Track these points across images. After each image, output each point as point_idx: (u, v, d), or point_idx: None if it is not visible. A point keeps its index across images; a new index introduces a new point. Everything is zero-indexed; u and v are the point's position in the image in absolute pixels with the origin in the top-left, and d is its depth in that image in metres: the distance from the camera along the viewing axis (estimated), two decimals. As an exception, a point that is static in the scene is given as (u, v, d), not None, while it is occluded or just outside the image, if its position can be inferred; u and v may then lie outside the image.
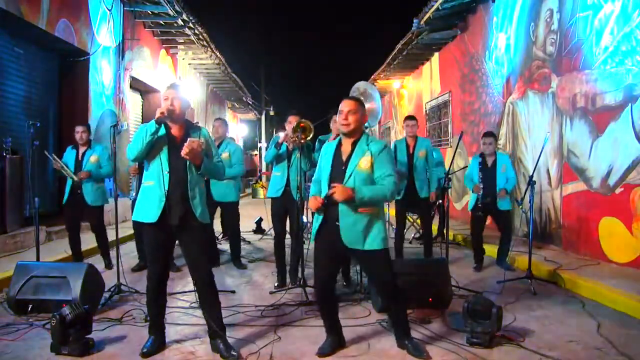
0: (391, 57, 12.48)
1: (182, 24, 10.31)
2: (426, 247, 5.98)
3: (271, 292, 4.88)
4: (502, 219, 5.88)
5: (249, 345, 3.47)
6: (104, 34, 8.95)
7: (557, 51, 6.75)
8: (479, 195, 5.75)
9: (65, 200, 5.63)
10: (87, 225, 6.17)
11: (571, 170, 6.43)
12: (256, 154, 29.40)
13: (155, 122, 3.23)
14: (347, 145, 3.35)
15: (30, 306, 4.09)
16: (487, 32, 9.00)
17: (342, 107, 3.31)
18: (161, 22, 10.59)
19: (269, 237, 8.39)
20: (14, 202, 6.49)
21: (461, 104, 10.42)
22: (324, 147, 3.52)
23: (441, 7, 8.86)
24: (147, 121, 3.38)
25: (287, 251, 5.19)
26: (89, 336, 3.38)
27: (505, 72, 8.34)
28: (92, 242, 6.10)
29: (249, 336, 3.65)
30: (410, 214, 7.80)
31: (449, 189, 5.22)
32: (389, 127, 17.53)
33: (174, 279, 5.27)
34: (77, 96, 8.38)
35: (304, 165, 4.90)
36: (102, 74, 8.92)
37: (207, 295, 3.39)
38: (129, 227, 8.36)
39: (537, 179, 5.65)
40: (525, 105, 7.68)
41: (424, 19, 9.36)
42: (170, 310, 3.98)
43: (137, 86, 11.08)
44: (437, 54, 11.90)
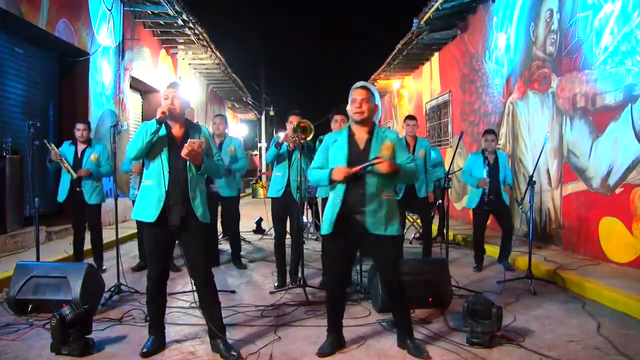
0: (391, 57, 12.48)
1: (182, 24, 10.31)
2: (425, 247, 5.99)
3: (271, 292, 4.88)
4: (504, 216, 5.89)
5: (249, 345, 3.47)
6: (104, 34, 8.95)
7: (557, 51, 6.75)
8: (486, 190, 5.74)
9: (64, 197, 5.55)
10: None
11: (571, 170, 6.43)
12: (256, 154, 29.37)
13: (156, 122, 3.23)
14: (361, 133, 3.35)
15: (30, 306, 4.08)
16: (487, 32, 9.00)
17: (355, 95, 3.32)
18: (161, 22, 10.59)
19: (269, 237, 8.38)
20: (14, 202, 6.49)
21: (461, 104, 10.42)
22: (330, 136, 3.49)
23: (441, 7, 8.86)
24: (147, 121, 3.37)
25: (287, 251, 5.19)
26: (89, 336, 3.37)
27: (505, 72, 8.34)
28: (89, 243, 5.92)
29: (249, 336, 3.65)
30: (410, 214, 7.81)
31: (449, 189, 5.22)
32: (389, 127, 17.53)
33: (174, 279, 5.26)
34: (77, 96, 8.38)
35: (304, 165, 4.90)
36: (102, 74, 8.92)
37: (207, 295, 3.39)
38: (128, 227, 8.38)
39: (537, 179, 5.65)
40: (525, 105, 7.68)
41: (424, 19, 9.36)
42: (170, 310, 3.98)
43: (137, 86, 11.08)
44: (437, 54, 11.90)
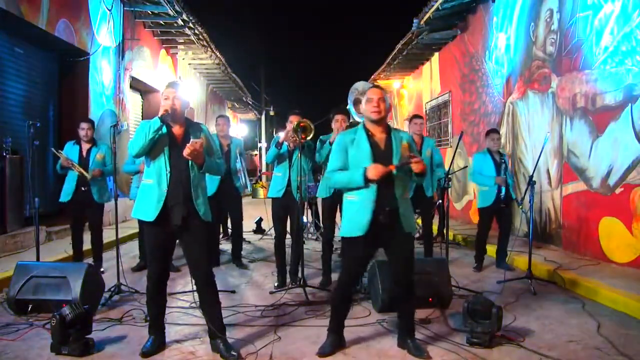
0: (391, 57, 12.48)
1: (182, 24, 10.32)
2: (426, 247, 5.99)
3: (271, 292, 4.88)
4: (507, 215, 5.89)
5: (249, 345, 3.47)
6: (104, 34, 8.95)
7: (557, 51, 6.75)
8: (502, 188, 5.66)
9: (68, 197, 5.50)
10: (86, 225, 6.12)
11: (571, 170, 6.43)
12: (256, 154, 29.37)
13: (159, 120, 3.22)
14: (379, 132, 3.34)
15: (30, 306, 4.08)
16: (487, 32, 9.00)
17: (372, 95, 3.31)
18: (161, 22, 10.59)
19: (269, 237, 8.38)
20: (14, 202, 6.48)
21: (461, 104, 10.42)
22: (345, 134, 3.40)
23: (441, 7, 8.86)
24: (147, 119, 3.37)
25: (287, 251, 5.19)
26: (89, 336, 3.37)
27: (505, 72, 8.34)
28: (89, 243, 5.89)
29: (249, 336, 3.65)
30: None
31: (449, 189, 5.21)
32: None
33: (174, 279, 5.26)
34: (77, 96, 8.39)
35: (305, 164, 4.89)
36: (102, 74, 8.92)
37: (207, 295, 3.39)
38: (128, 227, 8.38)
39: (537, 179, 5.65)
40: (525, 105, 7.68)
41: (424, 19, 9.36)
42: (170, 310, 3.98)
43: (137, 86, 11.09)
44: (437, 54, 11.90)
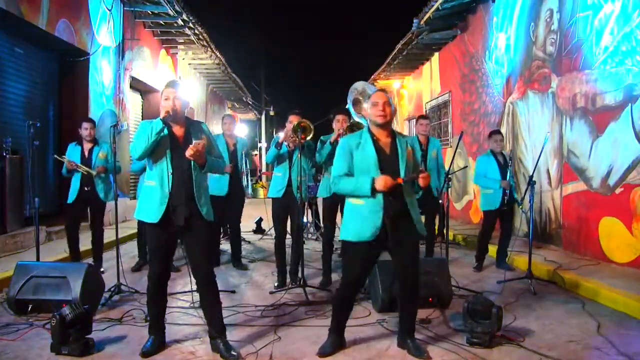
0: (391, 57, 12.47)
1: (182, 24, 10.31)
2: (428, 247, 5.99)
3: (271, 292, 4.88)
4: (510, 217, 5.90)
5: (249, 345, 3.47)
6: (104, 34, 8.95)
7: (557, 51, 6.75)
8: (507, 191, 5.66)
9: (73, 198, 5.49)
10: (85, 225, 6.09)
11: (571, 170, 6.43)
12: (256, 154, 29.36)
13: (161, 122, 3.23)
14: (384, 137, 3.34)
15: (30, 306, 4.08)
16: (487, 32, 9.00)
17: (377, 99, 3.31)
18: (161, 22, 10.58)
19: (269, 237, 8.39)
20: (14, 202, 6.48)
21: (461, 104, 10.41)
22: (350, 138, 3.39)
23: (441, 7, 8.85)
24: (146, 120, 3.37)
25: (287, 251, 5.19)
26: (89, 336, 3.37)
27: (505, 72, 8.34)
28: (89, 243, 5.88)
29: (249, 336, 3.65)
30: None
31: (449, 189, 5.21)
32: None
33: (174, 279, 5.26)
34: (77, 96, 8.38)
35: (305, 164, 4.89)
36: (102, 74, 8.92)
37: (208, 295, 3.39)
38: (128, 227, 8.38)
39: (537, 179, 5.65)
40: (525, 105, 7.68)
41: (424, 19, 9.35)
42: (170, 310, 3.98)
43: (137, 86, 11.08)
44: (437, 54, 11.89)
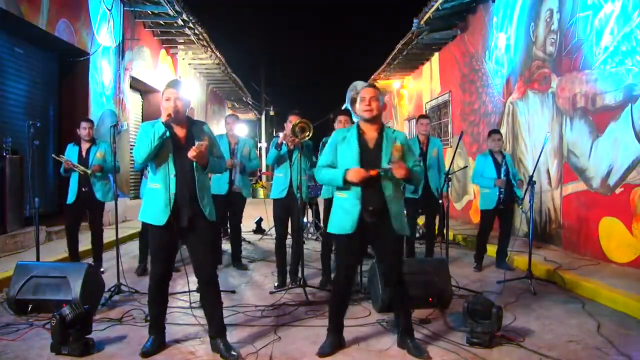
0: (391, 57, 12.47)
1: (182, 24, 10.31)
2: (427, 247, 5.99)
3: (271, 292, 4.88)
4: (510, 215, 5.89)
5: (249, 345, 3.47)
6: (104, 34, 8.95)
7: (557, 51, 6.75)
8: (502, 190, 5.67)
9: (73, 199, 5.49)
10: (85, 225, 6.09)
11: (571, 170, 6.43)
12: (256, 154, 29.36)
13: (164, 125, 3.22)
14: (371, 132, 3.36)
15: (30, 306, 4.08)
16: (487, 32, 9.00)
17: (364, 94, 3.32)
18: (161, 22, 10.58)
19: (269, 237, 8.39)
20: (14, 202, 6.48)
21: (461, 104, 10.41)
22: (339, 132, 3.44)
23: (441, 7, 8.85)
24: (147, 122, 3.36)
25: (287, 251, 5.20)
26: (89, 336, 3.37)
27: (505, 72, 8.34)
28: (89, 243, 5.89)
29: (249, 336, 3.65)
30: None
31: (449, 189, 5.21)
32: (389, 127, 17.49)
33: (174, 279, 5.21)
34: (77, 96, 8.38)
35: (304, 165, 4.89)
36: (102, 74, 8.92)
37: (209, 295, 3.40)
38: (128, 227, 8.38)
39: (537, 179, 5.64)
40: (525, 105, 7.68)
41: (424, 19, 9.35)
42: (170, 310, 3.97)
43: (137, 86, 11.08)
44: (437, 54, 11.89)
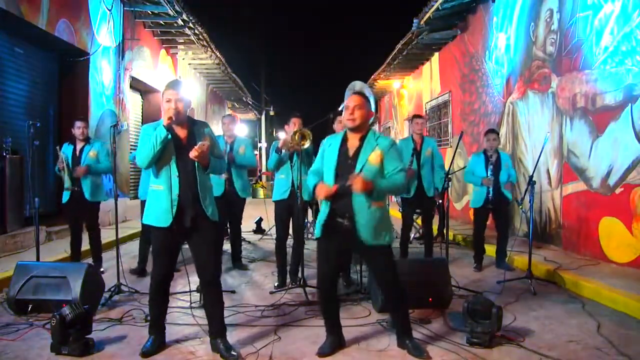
0: (391, 57, 12.47)
1: (182, 24, 10.31)
2: (427, 247, 5.99)
3: (271, 292, 4.88)
4: (503, 214, 5.89)
5: (249, 345, 3.47)
6: (104, 34, 8.95)
7: (557, 51, 6.75)
8: (490, 188, 5.71)
9: (66, 198, 5.48)
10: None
11: (571, 170, 6.43)
12: (256, 154, 29.33)
13: (165, 129, 3.22)
14: (354, 140, 3.35)
15: (30, 306, 4.08)
16: (487, 32, 9.00)
17: (349, 102, 3.32)
18: (161, 22, 10.58)
19: (269, 237, 8.39)
20: (14, 202, 6.48)
21: (461, 104, 10.41)
22: (329, 138, 3.51)
23: (441, 7, 8.86)
24: (147, 121, 3.37)
25: (287, 251, 5.19)
26: (89, 336, 3.38)
27: (505, 72, 8.34)
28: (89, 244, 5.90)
29: (249, 336, 3.65)
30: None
31: (449, 189, 5.22)
32: (389, 127, 17.53)
33: (175, 279, 5.21)
34: (77, 96, 8.38)
35: (304, 171, 4.90)
36: (102, 74, 8.92)
37: (211, 295, 3.40)
38: (128, 227, 8.38)
39: (537, 179, 5.65)
40: (525, 105, 7.68)
41: (424, 19, 9.36)
42: (170, 310, 3.97)
43: (137, 86, 11.07)
44: (437, 54, 11.89)
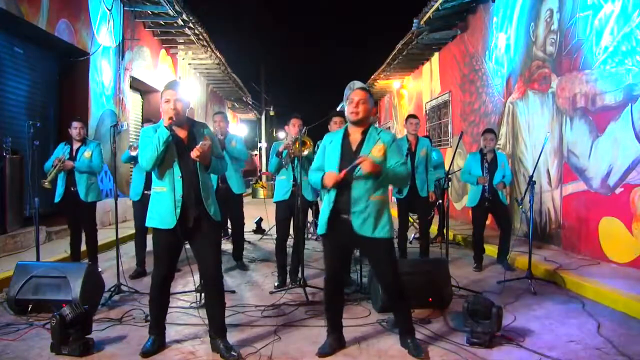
0: (391, 57, 12.47)
1: (182, 24, 10.31)
2: (422, 247, 6.00)
3: (271, 292, 4.88)
4: (502, 214, 5.90)
5: (249, 345, 3.47)
6: (104, 34, 8.95)
7: (557, 51, 6.75)
8: (485, 187, 5.73)
9: (59, 197, 5.44)
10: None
11: (571, 170, 6.43)
12: (256, 154, 29.34)
13: (167, 130, 3.22)
14: (356, 134, 3.37)
15: (30, 306, 4.09)
16: (487, 32, 9.00)
17: (353, 96, 3.33)
18: (161, 22, 10.59)
19: (269, 237, 8.39)
20: (14, 202, 6.49)
21: (461, 104, 10.42)
22: (328, 135, 3.52)
23: (441, 7, 8.86)
24: (147, 126, 3.37)
25: (288, 251, 5.20)
26: (89, 336, 3.38)
27: (505, 72, 8.34)
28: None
29: (249, 336, 3.65)
30: (410, 214, 7.79)
31: (449, 189, 5.22)
32: (389, 127, 17.53)
33: (175, 278, 5.23)
34: (77, 96, 8.38)
35: (304, 175, 4.91)
36: (102, 74, 8.92)
37: (213, 295, 3.40)
38: (128, 227, 8.36)
39: (537, 179, 5.65)
40: (525, 105, 7.68)
41: (424, 19, 9.36)
42: (170, 310, 3.96)
43: (137, 86, 11.08)
44: (437, 54, 11.90)
